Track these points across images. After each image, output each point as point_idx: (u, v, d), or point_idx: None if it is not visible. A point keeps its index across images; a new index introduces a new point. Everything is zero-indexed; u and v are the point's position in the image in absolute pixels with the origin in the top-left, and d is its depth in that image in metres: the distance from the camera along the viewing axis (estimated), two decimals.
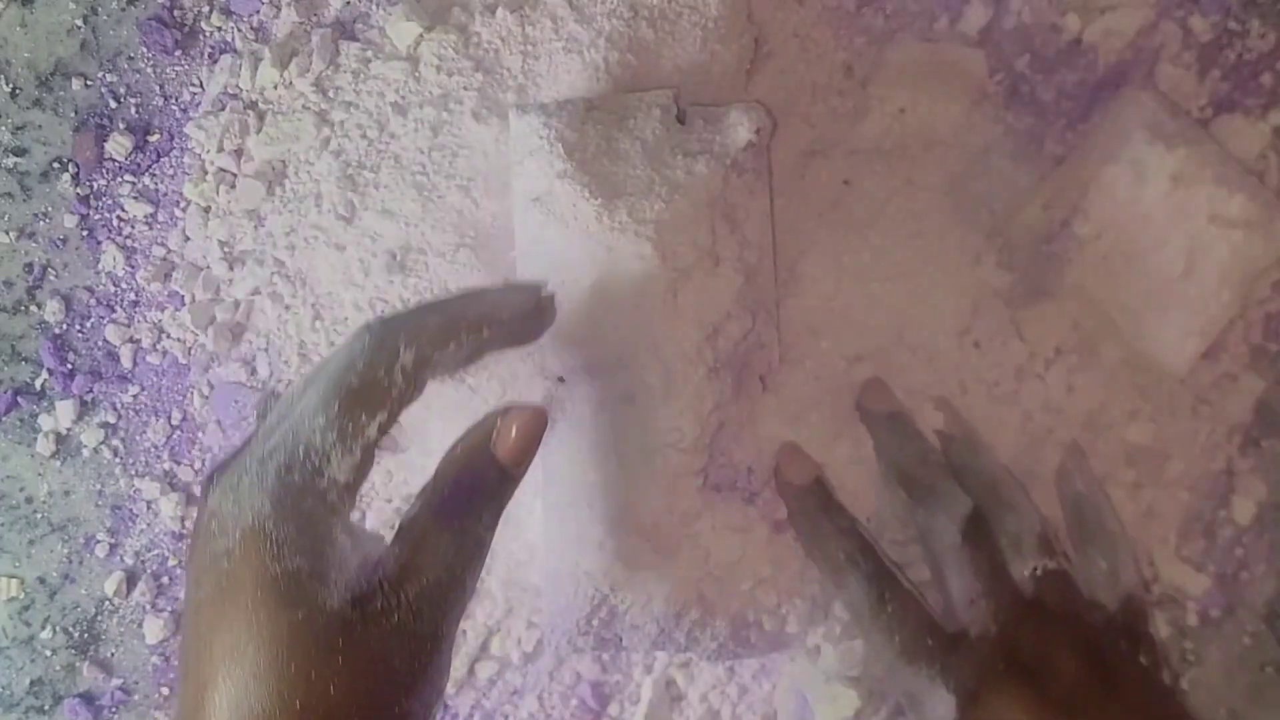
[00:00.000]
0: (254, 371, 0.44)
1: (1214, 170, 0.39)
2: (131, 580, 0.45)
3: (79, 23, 0.44)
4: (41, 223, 0.44)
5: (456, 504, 0.33)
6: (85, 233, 0.45)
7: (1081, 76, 0.42)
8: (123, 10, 0.44)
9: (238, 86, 0.44)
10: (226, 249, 0.44)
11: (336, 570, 0.31)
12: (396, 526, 0.33)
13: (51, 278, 0.45)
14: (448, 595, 0.32)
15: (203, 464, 0.45)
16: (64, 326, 0.45)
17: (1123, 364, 0.41)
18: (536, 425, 0.34)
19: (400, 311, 0.34)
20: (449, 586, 0.32)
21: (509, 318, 0.34)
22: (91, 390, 0.44)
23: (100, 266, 0.45)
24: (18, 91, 0.44)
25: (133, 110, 0.45)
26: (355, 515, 0.33)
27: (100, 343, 0.45)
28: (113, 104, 0.45)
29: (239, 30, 0.45)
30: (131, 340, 0.45)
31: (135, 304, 0.45)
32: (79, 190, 0.44)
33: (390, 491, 0.43)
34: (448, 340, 0.33)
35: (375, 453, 0.32)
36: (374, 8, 0.44)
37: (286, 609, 0.30)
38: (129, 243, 0.45)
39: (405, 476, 0.43)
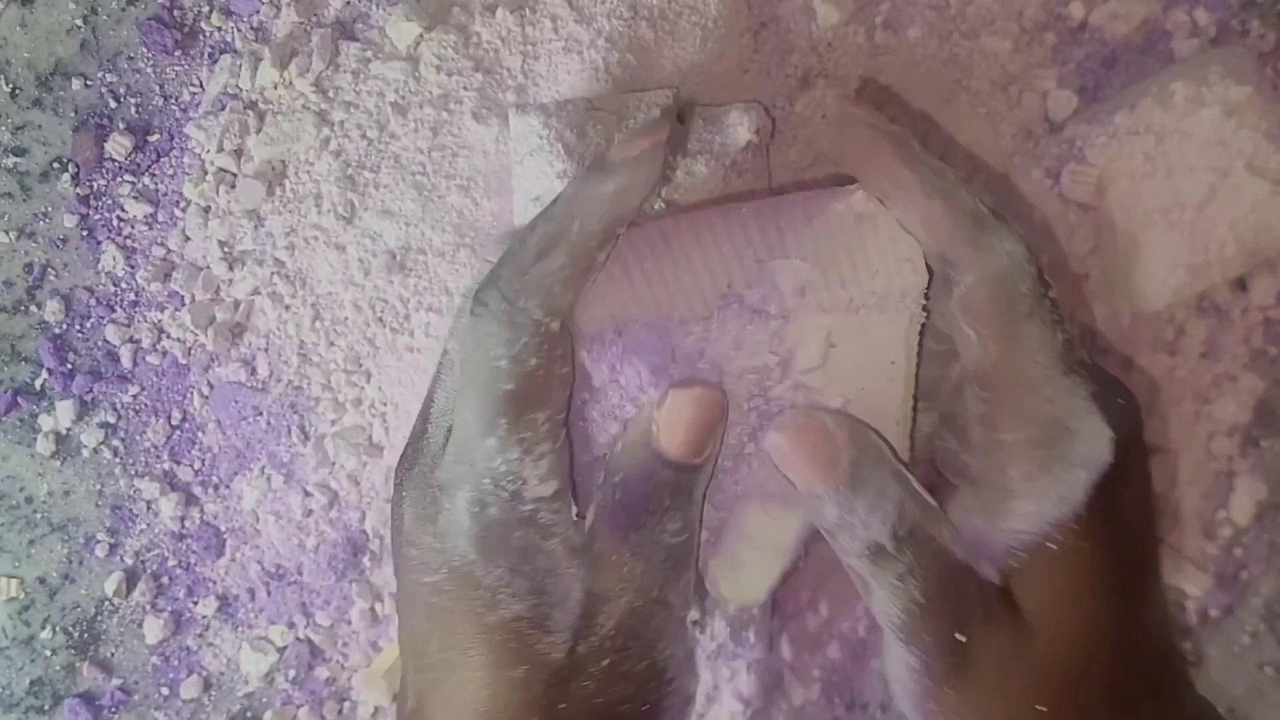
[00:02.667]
0: (254, 371, 0.44)
1: (1271, 123, 0.39)
2: (131, 580, 0.45)
3: (79, 23, 0.44)
4: (41, 223, 0.44)
5: (631, 516, 0.28)
6: (85, 233, 0.45)
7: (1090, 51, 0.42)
8: (123, 10, 0.44)
9: (238, 86, 0.44)
10: (226, 249, 0.44)
11: (560, 610, 0.27)
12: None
13: (51, 278, 0.45)
14: (650, 621, 0.28)
15: (203, 464, 0.45)
16: (64, 326, 0.45)
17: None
18: (708, 410, 0.28)
19: (504, 260, 0.28)
20: (647, 611, 0.28)
21: (641, 186, 0.28)
22: (91, 390, 0.44)
23: (100, 266, 0.45)
24: (18, 91, 0.44)
25: (133, 110, 0.45)
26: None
27: (100, 343, 0.45)
28: (113, 104, 0.44)
29: (239, 30, 0.45)
30: (131, 340, 0.45)
31: (135, 304, 0.45)
32: (79, 190, 0.44)
33: None
34: (584, 268, 0.28)
35: (566, 434, 0.28)
36: (374, 8, 0.44)
37: (505, 666, 0.27)
38: (129, 243, 0.45)
39: None
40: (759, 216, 0.32)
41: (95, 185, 0.45)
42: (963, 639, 0.29)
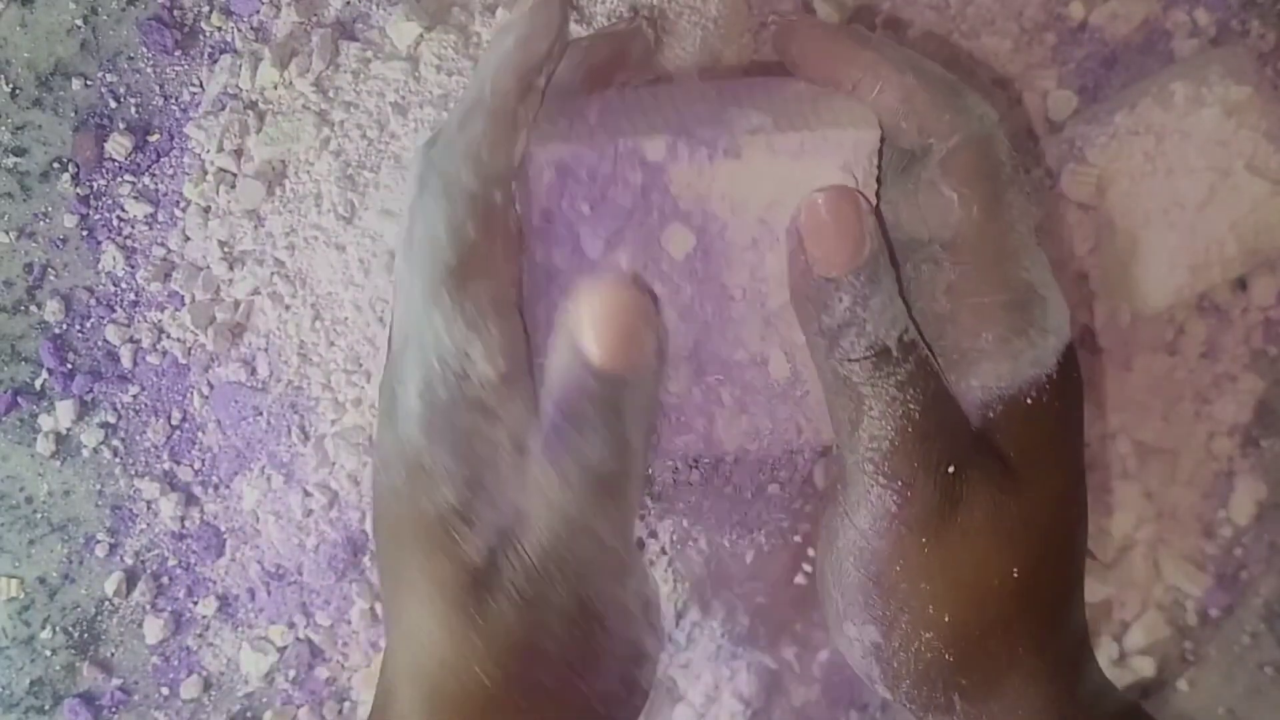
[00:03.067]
0: (254, 371, 0.44)
1: (1271, 123, 0.39)
2: (131, 580, 0.45)
3: (79, 23, 0.44)
4: (41, 223, 0.44)
5: (560, 434, 0.26)
6: (85, 233, 0.45)
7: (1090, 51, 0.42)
8: (123, 10, 0.44)
9: (238, 86, 0.44)
10: (226, 249, 0.44)
11: (490, 508, 0.26)
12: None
13: (51, 278, 0.45)
14: (575, 551, 0.26)
15: (203, 464, 0.45)
16: (64, 326, 0.45)
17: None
18: (625, 310, 0.26)
19: (433, 140, 0.27)
20: (571, 539, 0.26)
21: (542, 29, 0.27)
22: (91, 390, 0.44)
23: (100, 266, 0.45)
24: (18, 91, 0.44)
25: (133, 110, 0.45)
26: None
27: (100, 343, 0.45)
28: (113, 104, 0.44)
29: (239, 30, 0.45)
30: (131, 340, 0.45)
31: (135, 304, 0.45)
32: (79, 190, 0.44)
33: None
34: (507, 127, 0.26)
35: (519, 317, 0.27)
36: (374, 8, 0.44)
37: (433, 559, 0.25)
38: (129, 243, 0.45)
39: None
40: (718, 86, 0.32)
41: (95, 185, 0.45)
42: (953, 470, 0.28)
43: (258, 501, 0.44)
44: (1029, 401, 0.29)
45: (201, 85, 0.45)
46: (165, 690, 0.45)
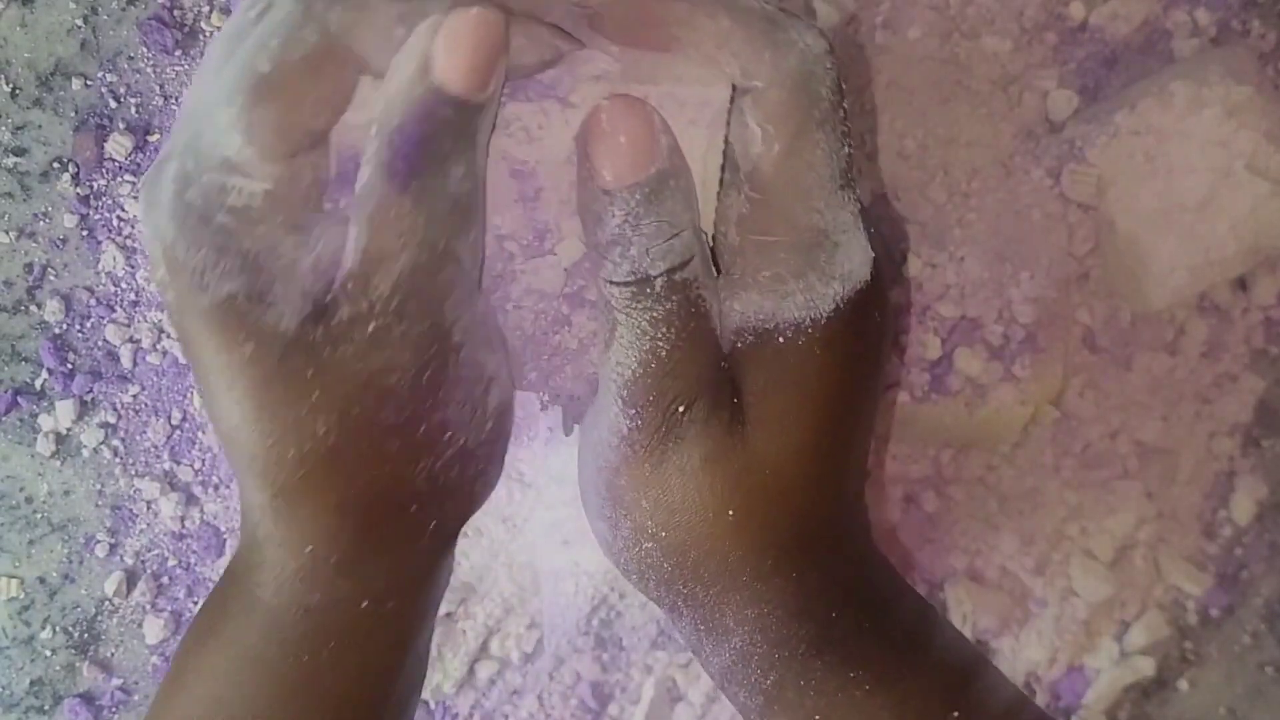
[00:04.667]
0: None
1: (1271, 123, 0.39)
2: (131, 580, 0.45)
3: (79, 23, 0.44)
4: (41, 223, 0.44)
5: (411, 161, 0.25)
6: (85, 233, 0.45)
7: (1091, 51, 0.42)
8: (123, 10, 0.44)
9: None
10: None
11: (282, 284, 0.25)
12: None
13: (51, 278, 0.45)
14: (435, 277, 0.26)
15: (203, 464, 0.45)
16: (64, 326, 0.45)
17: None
18: (491, 34, 0.25)
19: None
20: (433, 266, 0.25)
21: None
22: (91, 390, 0.44)
23: (100, 266, 0.45)
24: (18, 91, 0.44)
25: (133, 110, 0.45)
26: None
27: (100, 343, 0.45)
28: (113, 104, 0.44)
29: None
30: (131, 340, 0.45)
31: (135, 304, 0.45)
32: (79, 190, 0.44)
33: None
34: None
35: (311, 162, 0.25)
36: None
37: (231, 347, 0.25)
38: (129, 243, 0.45)
39: None
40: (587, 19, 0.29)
41: (95, 185, 0.45)
42: (682, 410, 0.27)
43: None
44: (780, 340, 0.28)
45: None
46: None
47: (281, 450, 0.26)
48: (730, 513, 0.28)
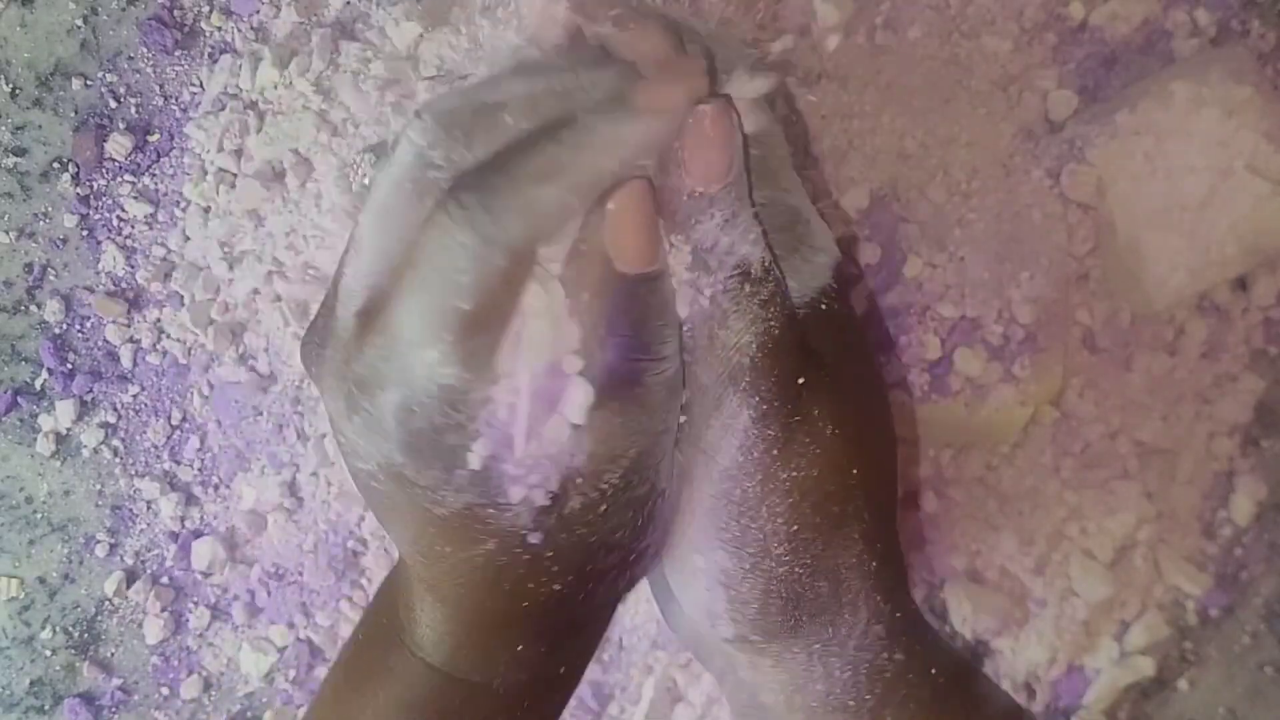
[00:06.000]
0: (254, 371, 0.44)
1: (1271, 123, 0.39)
2: (131, 580, 0.45)
3: (79, 23, 0.44)
4: (41, 223, 0.44)
5: (631, 364, 0.26)
6: (85, 233, 0.45)
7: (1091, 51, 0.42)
8: (123, 10, 0.44)
9: (238, 86, 0.44)
10: (226, 249, 0.44)
11: (512, 479, 0.26)
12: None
13: (51, 278, 0.45)
14: (655, 451, 0.27)
15: (203, 464, 0.45)
16: (64, 326, 0.45)
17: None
18: (642, 206, 0.26)
19: (497, 168, 0.26)
20: (655, 446, 0.27)
21: (668, 134, 0.27)
22: (91, 390, 0.44)
23: (100, 266, 0.45)
24: (18, 91, 0.44)
25: (133, 110, 0.45)
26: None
27: (100, 343, 0.45)
28: (113, 104, 0.44)
29: (239, 30, 0.45)
30: (131, 340, 0.45)
31: (135, 304, 0.45)
32: (79, 190, 0.44)
33: None
34: (580, 205, 0.26)
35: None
36: (374, 8, 0.44)
37: (472, 545, 0.26)
38: (129, 243, 0.45)
39: None
40: None
41: (95, 185, 0.45)
42: (802, 381, 0.29)
43: (257, 501, 0.44)
44: (823, 308, 0.30)
45: (201, 85, 0.45)
46: (165, 690, 0.45)
47: (513, 605, 0.28)
48: (854, 471, 0.29)
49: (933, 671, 0.31)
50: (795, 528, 0.29)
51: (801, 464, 0.29)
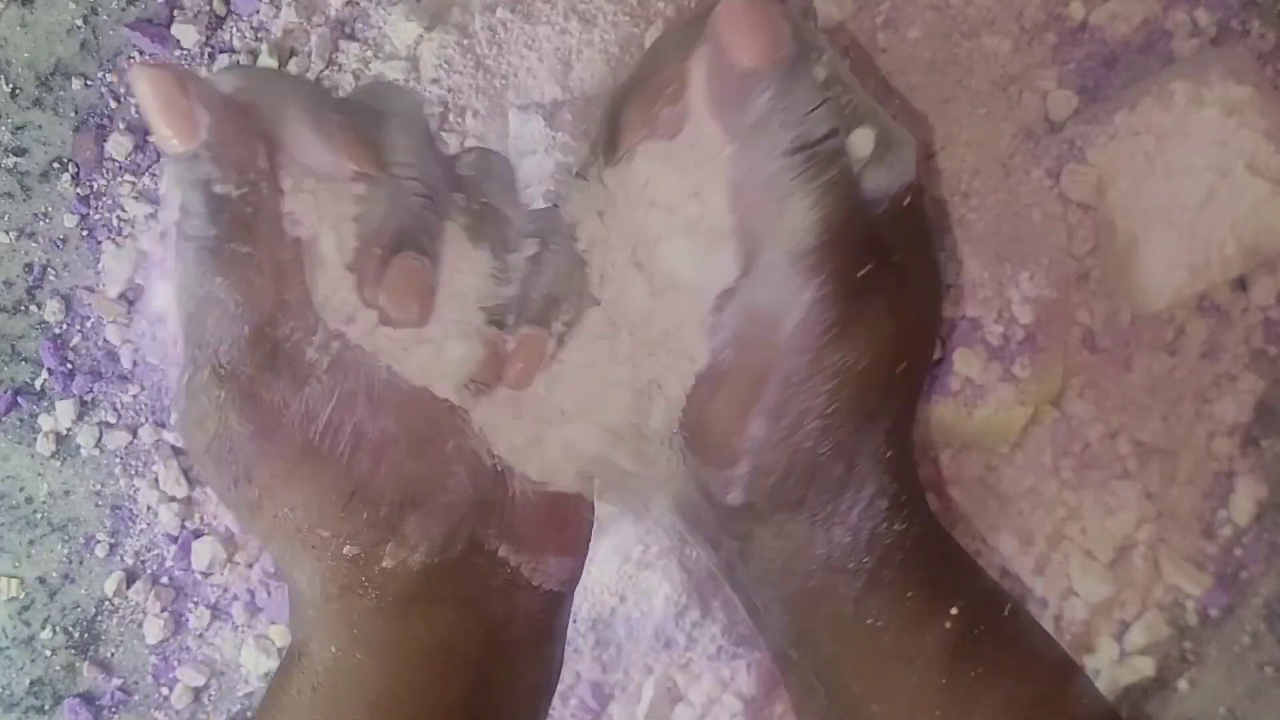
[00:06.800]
0: None
1: (1271, 123, 0.39)
2: (131, 580, 0.45)
3: (79, 23, 0.44)
4: (41, 223, 0.44)
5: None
6: (85, 233, 0.45)
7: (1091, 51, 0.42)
8: (123, 10, 0.44)
9: None
10: None
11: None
12: None
13: (51, 278, 0.45)
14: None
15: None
16: (64, 326, 0.45)
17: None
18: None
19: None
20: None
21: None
22: (91, 390, 0.44)
23: (100, 266, 0.45)
24: (18, 91, 0.44)
25: (133, 110, 0.45)
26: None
27: (100, 343, 0.45)
28: (113, 104, 0.44)
29: (239, 30, 0.45)
30: (131, 340, 0.45)
31: (135, 304, 0.45)
32: (79, 190, 0.44)
33: None
34: None
35: None
36: (374, 8, 0.44)
37: (354, 598, 0.30)
38: (129, 243, 0.45)
39: None
40: None
41: (95, 185, 0.45)
42: (862, 274, 0.30)
43: None
44: (905, 204, 0.31)
45: None
46: (165, 690, 0.45)
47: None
48: (903, 364, 0.31)
49: (931, 544, 0.33)
50: (833, 409, 0.30)
51: (853, 351, 0.30)
